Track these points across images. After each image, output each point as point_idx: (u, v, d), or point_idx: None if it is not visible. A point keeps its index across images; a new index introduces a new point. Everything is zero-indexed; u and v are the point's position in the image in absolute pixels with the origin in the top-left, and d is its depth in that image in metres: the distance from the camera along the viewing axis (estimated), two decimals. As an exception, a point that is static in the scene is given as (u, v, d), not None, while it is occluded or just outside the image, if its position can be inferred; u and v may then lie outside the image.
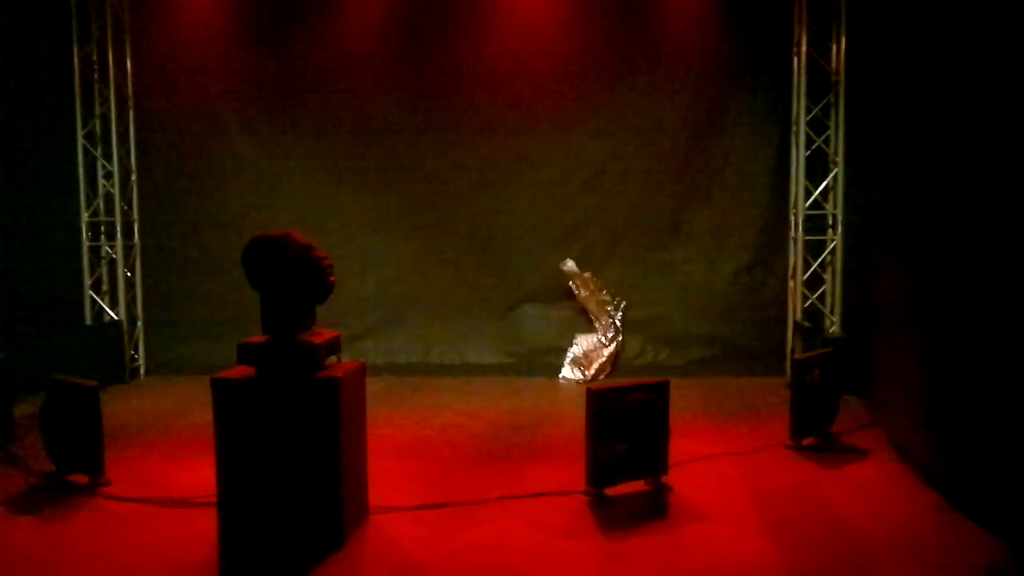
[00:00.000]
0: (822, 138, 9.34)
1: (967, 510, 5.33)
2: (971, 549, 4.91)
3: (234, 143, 10.16)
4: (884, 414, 7.38)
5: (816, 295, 9.50)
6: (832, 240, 9.41)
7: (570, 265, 9.80)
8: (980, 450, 5.29)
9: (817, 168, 9.45)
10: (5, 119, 8.72)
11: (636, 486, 5.94)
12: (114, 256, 10.01)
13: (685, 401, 7.74)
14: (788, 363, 9.01)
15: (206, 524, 5.22)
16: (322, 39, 9.98)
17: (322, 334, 5.31)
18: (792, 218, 9.59)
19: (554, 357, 10.04)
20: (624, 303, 9.74)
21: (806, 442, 6.92)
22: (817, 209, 9.44)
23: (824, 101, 9.32)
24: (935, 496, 5.72)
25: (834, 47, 9.21)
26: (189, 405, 8.38)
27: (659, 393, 6.00)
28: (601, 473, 5.78)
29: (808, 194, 9.40)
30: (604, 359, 9.67)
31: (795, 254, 9.55)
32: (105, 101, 9.84)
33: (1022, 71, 4.88)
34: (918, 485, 5.98)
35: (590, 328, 9.88)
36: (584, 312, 9.89)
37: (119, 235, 9.92)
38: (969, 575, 4.63)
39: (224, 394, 5.09)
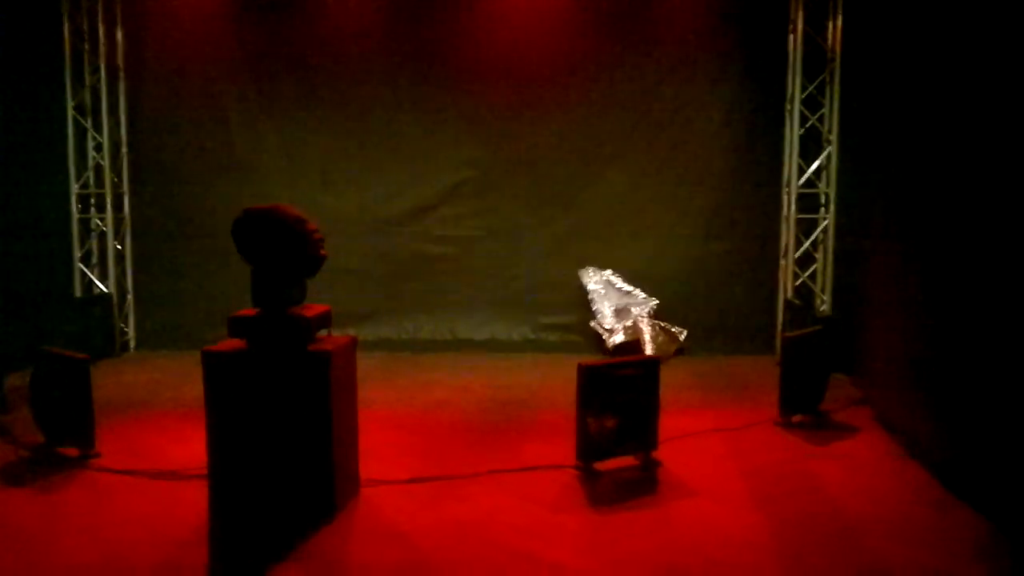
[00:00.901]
0: (816, 116, 9.32)
1: (956, 488, 5.38)
2: (960, 527, 4.96)
3: (226, 115, 10.03)
4: (873, 392, 7.42)
5: (807, 274, 9.52)
6: (824, 219, 9.42)
7: (585, 272, 9.80)
8: (969, 428, 5.33)
9: (810, 147, 9.44)
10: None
11: (626, 461, 5.97)
12: (104, 228, 9.94)
13: (675, 378, 7.77)
14: (778, 341, 9.04)
15: (197, 496, 5.25)
16: (317, 12, 9.84)
17: (313, 308, 5.31)
18: (785, 197, 9.57)
19: (547, 334, 10.04)
20: (655, 303, 9.66)
21: (796, 419, 6.97)
22: (810, 188, 9.43)
23: (819, 79, 9.28)
24: (924, 473, 5.78)
25: (830, 25, 9.16)
26: (179, 378, 8.35)
27: (649, 369, 6.03)
28: (591, 448, 5.82)
29: (801, 172, 9.40)
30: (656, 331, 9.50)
31: (787, 233, 9.54)
32: (95, 72, 9.74)
33: (1018, 53, 4.86)
34: (907, 462, 6.04)
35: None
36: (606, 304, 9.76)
37: (109, 207, 9.85)
38: (959, 553, 4.67)
39: (215, 367, 5.09)
